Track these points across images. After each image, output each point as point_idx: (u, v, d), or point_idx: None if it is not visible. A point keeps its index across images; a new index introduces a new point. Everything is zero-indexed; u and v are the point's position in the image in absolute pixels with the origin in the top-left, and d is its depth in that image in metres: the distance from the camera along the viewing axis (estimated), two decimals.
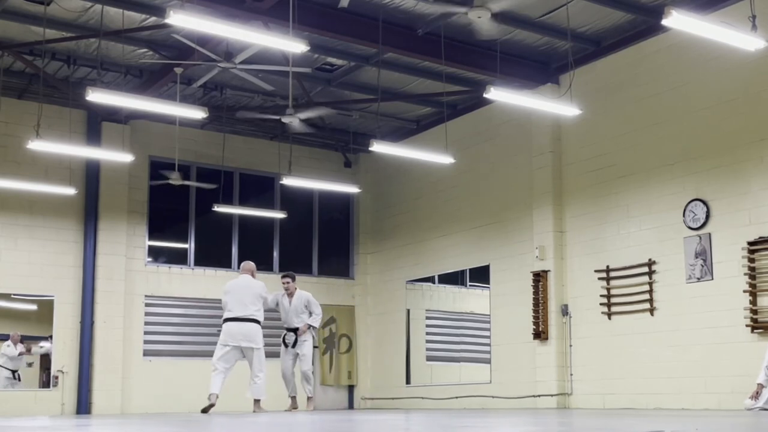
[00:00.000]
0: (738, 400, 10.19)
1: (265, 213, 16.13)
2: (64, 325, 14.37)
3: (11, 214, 14.15)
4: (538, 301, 13.11)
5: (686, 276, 11.31)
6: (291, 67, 11.80)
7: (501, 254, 14.21)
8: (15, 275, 14.09)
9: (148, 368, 14.87)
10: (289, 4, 9.68)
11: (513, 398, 13.62)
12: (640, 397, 11.69)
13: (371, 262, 17.30)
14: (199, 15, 8.61)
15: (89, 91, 10.13)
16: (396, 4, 11.41)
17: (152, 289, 15.21)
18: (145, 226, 15.28)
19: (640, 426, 5.22)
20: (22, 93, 14.03)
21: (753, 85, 10.78)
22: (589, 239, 12.73)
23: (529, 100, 11.26)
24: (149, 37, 12.47)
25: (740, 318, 10.60)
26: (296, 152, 15.62)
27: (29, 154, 13.40)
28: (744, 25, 8.59)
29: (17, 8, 11.45)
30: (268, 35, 9.31)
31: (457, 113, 15.07)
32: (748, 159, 10.80)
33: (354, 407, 16.86)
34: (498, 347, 14.17)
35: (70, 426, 6.78)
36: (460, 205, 15.15)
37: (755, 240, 10.60)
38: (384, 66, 13.16)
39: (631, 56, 12.32)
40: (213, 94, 14.44)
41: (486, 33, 10.35)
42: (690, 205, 11.35)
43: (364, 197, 17.21)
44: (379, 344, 16.92)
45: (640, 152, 12.10)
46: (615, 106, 12.51)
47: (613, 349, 12.18)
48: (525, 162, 13.79)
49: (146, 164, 15.30)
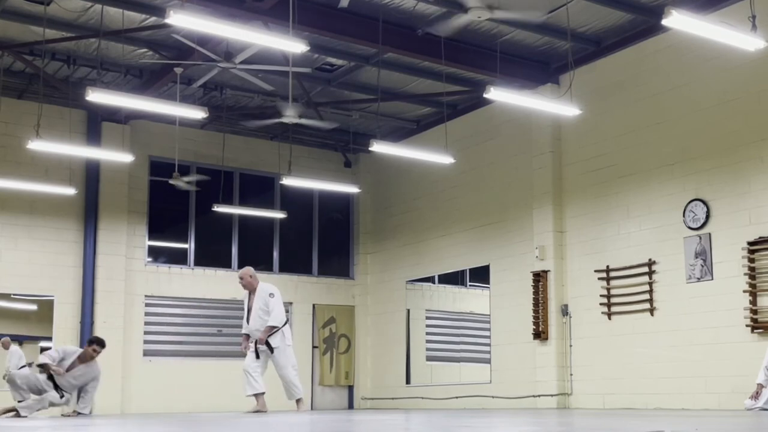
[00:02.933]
0: (738, 400, 10.19)
1: (265, 213, 16.13)
2: (64, 325, 14.37)
3: (11, 214, 14.16)
4: (538, 301, 13.11)
5: (686, 276, 11.31)
6: (291, 67, 11.80)
7: (501, 254, 14.21)
8: (15, 275, 14.09)
9: (148, 368, 14.87)
10: (289, 4, 9.68)
11: (513, 398, 13.62)
12: (640, 397, 11.68)
13: (371, 262, 17.30)
14: (199, 15, 8.61)
15: (89, 91, 10.13)
16: (396, 4, 11.41)
17: (152, 289, 15.21)
18: (145, 226, 15.29)
19: (640, 426, 5.22)
20: (22, 93, 14.03)
21: (753, 85, 10.78)
22: (589, 239, 12.73)
23: (529, 100, 11.26)
24: (149, 37, 12.48)
25: (740, 318, 10.60)
26: (296, 152, 15.62)
27: (29, 154, 13.40)
28: (744, 25, 8.59)
29: (17, 8, 11.46)
30: (268, 35, 9.31)
31: (457, 113, 15.07)
32: (748, 159, 10.80)
33: (354, 407, 16.86)
34: (498, 347, 14.17)
35: (70, 426, 6.78)
36: (460, 205, 15.15)
37: (755, 240, 10.60)
38: (384, 66, 13.16)
39: (631, 56, 12.32)
40: (213, 94, 14.44)
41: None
42: (690, 205, 11.35)
43: (364, 197, 17.21)
44: (378, 344, 16.92)
45: (640, 152, 12.10)
46: (615, 106, 12.51)
47: (613, 349, 12.18)
48: (525, 162, 13.79)
49: (146, 164, 15.31)
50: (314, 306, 16.78)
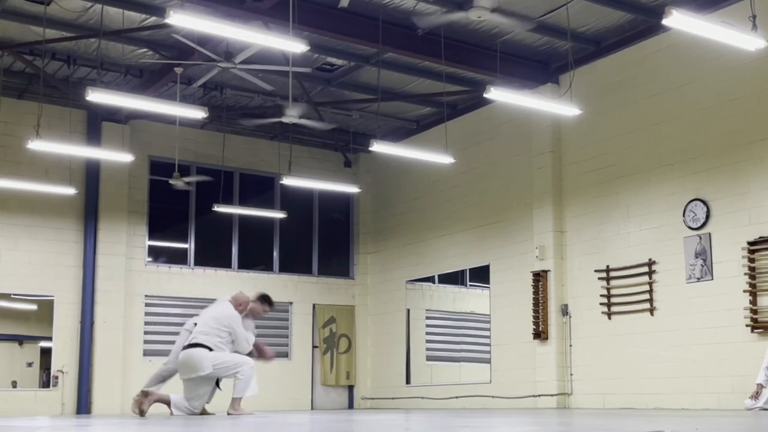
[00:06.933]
0: (738, 400, 10.20)
1: (265, 213, 16.12)
2: (64, 325, 14.37)
3: (11, 214, 14.15)
4: (538, 301, 13.11)
5: (686, 276, 11.31)
6: (291, 67, 11.80)
7: (501, 254, 14.21)
8: (15, 275, 14.09)
9: (148, 368, 14.82)
10: (289, 4, 9.68)
11: (513, 398, 13.62)
12: (640, 397, 11.68)
13: (371, 262, 17.30)
14: (199, 15, 8.61)
15: (89, 91, 10.13)
16: (396, 4, 11.41)
17: (152, 289, 15.21)
18: (145, 226, 15.28)
19: (640, 426, 5.22)
20: (22, 93, 14.03)
21: (753, 85, 10.78)
22: (589, 239, 12.73)
23: (529, 100, 11.26)
24: (149, 37, 12.47)
25: (740, 318, 10.60)
26: (296, 152, 15.62)
27: (29, 154, 13.40)
28: (744, 25, 8.59)
29: (17, 8, 11.46)
30: (268, 35, 9.31)
31: (457, 113, 15.07)
32: (748, 159, 10.80)
33: (354, 407, 16.86)
34: (498, 347, 14.16)
35: (70, 426, 6.78)
36: (460, 205, 15.15)
37: (755, 240, 10.60)
38: (384, 66, 13.16)
39: (631, 56, 12.32)
40: (213, 94, 14.44)
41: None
42: (690, 205, 11.35)
43: (364, 197, 17.21)
44: (379, 344, 16.92)
45: (640, 152, 12.10)
46: (615, 106, 12.51)
47: (613, 349, 12.18)
48: (525, 162, 13.78)
49: (146, 164, 15.31)
50: (314, 306, 16.78)
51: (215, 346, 9.39)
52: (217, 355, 9.38)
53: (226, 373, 9.49)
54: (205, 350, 9.38)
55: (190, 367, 9.42)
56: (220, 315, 9.57)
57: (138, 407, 9.43)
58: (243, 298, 9.84)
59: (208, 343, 9.39)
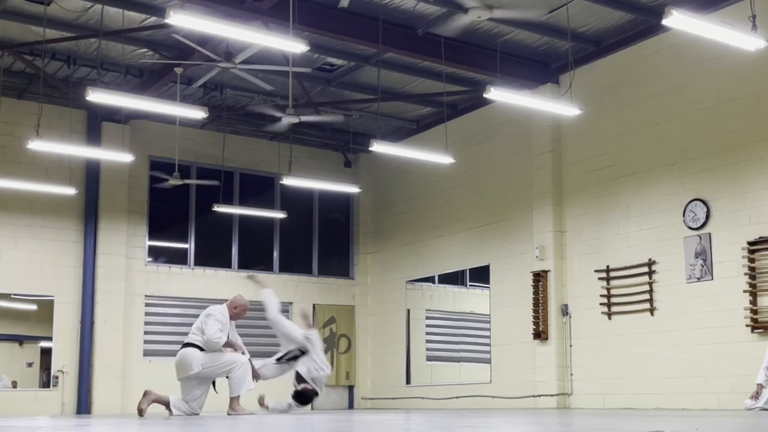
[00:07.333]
0: (738, 400, 10.20)
1: (265, 213, 16.12)
2: (64, 325, 14.37)
3: (11, 214, 14.15)
4: (538, 301, 13.11)
5: (686, 276, 11.31)
6: (291, 67, 11.80)
7: (501, 254, 14.21)
8: (15, 275, 14.09)
9: (148, 368, 14.86)
10: (289, 4, 9.69)
11: (513, 398, 13.62)
12: (640, 397, 11.68)
13: (371, 262, 17.30)
14: (199, 15, 8.62)
15: (89, 91, 10.13)
16: (396, 4, 11.41)
17: (152, 289, 15.21)
18: (145, 226, 15.28)
19: (640, 426, 5.22)
20: (22, 93, 14.03)
21: (753, 85, 10.78)
22: (589, 239, 12.73)
23: (529, 100, 11.26)
24: (149, 37, 12.47)
25: (740, 318, 10.60)
26: (296, 152, 15.62)
27: (29, 154, 13.39)
28: (744, 25, 8.59)
29: (17, 8, 11.46)
30: (268, 35, 9.32)
31: (457, 113, 15.07)
32: (748, 159, 10.80)
33: (354, 407, 16.86)
34: (498, 347, 14.16)
35: (70, 426, 6.78)
36: (460, 205, 15.15)
37: (755, 240, 10.60)
38: (384, 66, 13.16)
39: (631, 56, 12.32)
40: (213, 94, 14.44)
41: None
42: (690, 205, 11.35)
43: (364, 197, 17.21)
44: (379, 344, 16.92)
45: (640, 152, 12.10)
46: (615, 106, 12.51)
47: (613, 349, 12.18)
48: (525, 162, 13.79)
49: (146, 164, 15.31)
50: (314, 306, 16.78)
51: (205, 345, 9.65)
52: (207, 355, 9.60)
53: (217, 372, 9.71)
54: (196, 350, 9.62)
55: (182, 367, 9.68)
56: (210, 313, 9.83)
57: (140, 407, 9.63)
58: (239, 301, 9.98)
59: (199, 343, 9.65)
